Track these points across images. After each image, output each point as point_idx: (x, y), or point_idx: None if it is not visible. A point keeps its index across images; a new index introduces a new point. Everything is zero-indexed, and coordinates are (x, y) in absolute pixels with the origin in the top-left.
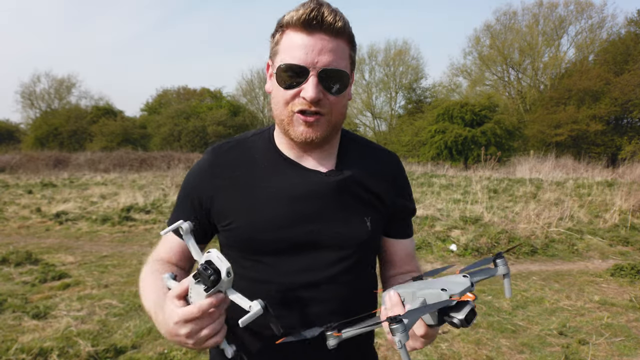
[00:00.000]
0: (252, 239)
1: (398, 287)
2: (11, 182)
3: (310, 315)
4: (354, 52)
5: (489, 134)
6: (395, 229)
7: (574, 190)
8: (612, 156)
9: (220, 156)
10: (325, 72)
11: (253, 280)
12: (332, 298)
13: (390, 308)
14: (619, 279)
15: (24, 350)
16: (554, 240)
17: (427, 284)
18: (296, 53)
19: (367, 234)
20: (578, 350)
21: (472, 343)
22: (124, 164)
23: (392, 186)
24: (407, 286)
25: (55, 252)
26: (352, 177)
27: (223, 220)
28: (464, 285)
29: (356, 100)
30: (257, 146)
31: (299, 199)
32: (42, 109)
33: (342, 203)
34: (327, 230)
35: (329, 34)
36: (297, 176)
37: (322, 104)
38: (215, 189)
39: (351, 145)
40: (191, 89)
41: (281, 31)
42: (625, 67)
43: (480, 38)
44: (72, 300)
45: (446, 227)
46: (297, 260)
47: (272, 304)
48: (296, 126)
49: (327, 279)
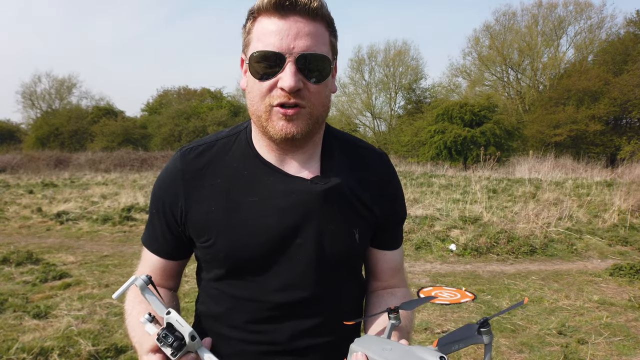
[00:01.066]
0: (234, 256)
1: (365, 344)
2: (12, 182)
3: (298, 331)
4: (335, 39)
5: (488, 134)
6: (382, 239)
7: (573, 190)
8: (611, 156)
9: (192, 163)
10: (304, 58)
11: (236, 298)
12: (319, 312)
13: None
14: (617, 279)
15: (24, 349)
16: (553, 240)
17: (397, 354)
18: (270, 39)
19: (355, 248)
20: (577, 350)
21: None
22: (125, 164)
23: (382, 193)
24: (376, 346)
25: (56, 251)
26: (339, 185)
27: (201, 236)
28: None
29: (356, 101)
30: (233, 150)
31: (283, 210)
32: (43, 109)
33: (330, 214)
34: (314, 243)
35: (304, 16)
36: (282, 185)
37: (302, 94)
38: (189, 201)
39: (335, 145)
40: (192, 89)
41: (252, 19)
42: (625, 67)
43: (479, 38)
44: (72, 299)
45: (445, 227)
46: (281, 275)
47: (258, 321)
48: (275, 121)
49: (313, 293)
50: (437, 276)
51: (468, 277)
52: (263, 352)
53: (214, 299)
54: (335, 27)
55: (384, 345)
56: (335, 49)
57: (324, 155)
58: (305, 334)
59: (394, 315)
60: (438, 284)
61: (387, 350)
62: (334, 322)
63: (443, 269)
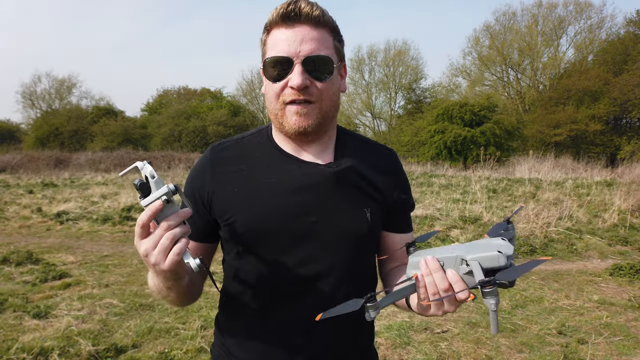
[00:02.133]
0: (253, 231)
1: (425, 253)
2: (12, 182)
3: (314, 306)
4: (340, 43)
5: (488, 134)
6: (395, 223)
7: (573, 190)
8: (611, 156)
9: (220, 153)
10: (310, 59)
11: (256, 275)
12: (334, 288)
13: (430, 274)
14: (617, 279)
15: (24, 349)
16: (553, 239)
17: (457, 249)
18: (280, 47)
19: (367, 225)
20: (577, 350)
21: (471, 342)
22: (125, 164)
23: (391, 179)
24: (432, 252)
25: (56, 251)
26: (350, 169)
27: (224, 215)
28: (510, 249)
29: (356, 101)
30: (256, 143)
31: (299, 190)
32: (43, 109)
33: (342, 194)
34: (328, 221)
35: (308, 24)
36: (297, 168)
37: (310, 91)
38: (215, 184)
39: (349, 140)
40: (191, 89)
41: (266, 32)
42: (624, 67)
43: (479, 38)
44: (72, 299)
45: (445, 227)
46: (299, 251)
47: (277, 297)
48: (288, 117)
49: (328, 269)
50: None
51: None
52: (284, 331)
53: (236, 279)
54: (340, 33)
55: (443, 249)
56: (341, 53)
57: (337, 147)
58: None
59: (413, 248)
60: None
61: (449, 250)
62: (350, 296)
63: None
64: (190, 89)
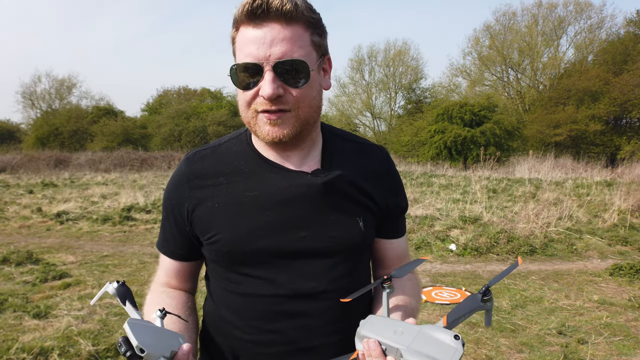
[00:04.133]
0: (238, 251)
1: (374, 329)
2: (12, 182)
3: (310, 326)
4: (319, 36)
5: (488, 134)
6: (386, 228)
7: (573, 190)
8: (611, 156)
9: (196, 165)
10: (281, 65)
11: (244, 296)
12: (331, 305)
13: (370, 356)
14: (617, 279)
15: (24, 349)
16: (553, 239)
17: (410, 336)
18: (248, 49)
19: (360, 235)
20: (577, 350)
21: (471, 342)
22: (125, 163)
23: (383, 183)
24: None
25: (56, 251)
26: (340, 177)
27: (206, 233)
28: (457, 354)
29: (356, 101)
30: (234, 150)
31: (285, 203)
32: (43, 109)
33: (332, 204)
34: (319, 235)
35: (278, 21)
36: (282, 179)
37: (284, 100)
38: (194, 200)
39: (336, 142)
40: (191, 89)
41: (235, 28)
42: (624, 67)
43: (479, 38)
44: (72, 299)
45: (445, 227)
46: (290, 269)
47: (268, 318)
48: (261, 126)
49: (323, 286)
50: (437, 276)
51: (468, 277)
52: (278, 353)
53: (222, 300)
54: (320, 23)
55: (394, 328)
56: (322, 47)
57: (324, 151)
58: (321, 327)
59: (387, 284)
60: (438, 283)
61: (398, 334)
62: (349, 312)
63: (443, 268)
64: (190, 89)
